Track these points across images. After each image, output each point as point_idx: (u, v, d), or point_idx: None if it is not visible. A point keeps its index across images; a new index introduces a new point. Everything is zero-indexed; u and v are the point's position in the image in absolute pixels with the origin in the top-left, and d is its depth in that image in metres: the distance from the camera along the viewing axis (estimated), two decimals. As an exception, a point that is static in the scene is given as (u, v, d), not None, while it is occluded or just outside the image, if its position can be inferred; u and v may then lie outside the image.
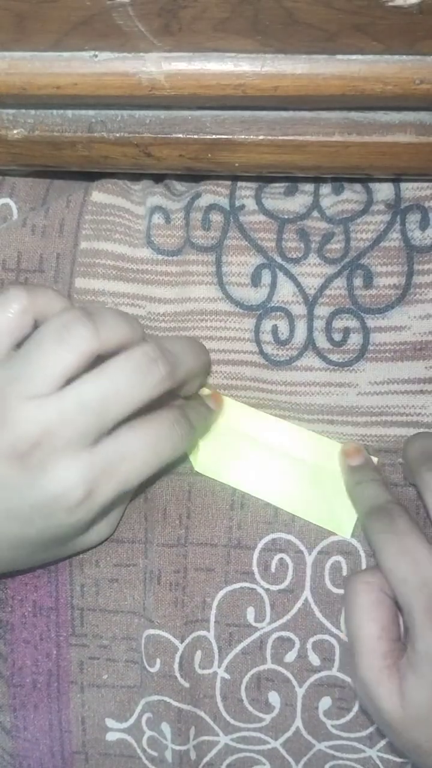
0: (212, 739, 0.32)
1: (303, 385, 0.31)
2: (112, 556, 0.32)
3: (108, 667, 0.33)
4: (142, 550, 0.32)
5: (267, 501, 0.31)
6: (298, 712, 0.32)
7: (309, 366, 0.31)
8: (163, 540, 0.32)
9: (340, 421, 0.31)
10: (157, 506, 0.32)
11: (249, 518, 0.31)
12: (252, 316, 0.31)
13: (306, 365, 0.31)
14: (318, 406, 0.31)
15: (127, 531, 0.32)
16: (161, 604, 0.32)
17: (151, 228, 0.31)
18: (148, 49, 0.22)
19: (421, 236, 0.29)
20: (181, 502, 0.32)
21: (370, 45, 0.21)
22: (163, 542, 0.32)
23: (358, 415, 0.31)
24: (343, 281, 0.30)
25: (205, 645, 0.32)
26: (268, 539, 0.31)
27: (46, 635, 0.33)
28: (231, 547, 0.32)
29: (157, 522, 0.32)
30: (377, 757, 0.31)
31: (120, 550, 0.32)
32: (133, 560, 0.32)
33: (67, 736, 0.34)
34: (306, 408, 0.31)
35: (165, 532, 0.32)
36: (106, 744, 0.34)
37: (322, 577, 0.31)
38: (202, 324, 0.31)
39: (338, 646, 0.31)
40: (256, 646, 0.32)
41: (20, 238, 0.31)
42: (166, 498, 0.32)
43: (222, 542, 0.32)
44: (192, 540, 0.32)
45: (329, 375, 0.31)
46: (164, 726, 0.33)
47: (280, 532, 0.31)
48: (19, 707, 0.34)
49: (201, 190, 0.31)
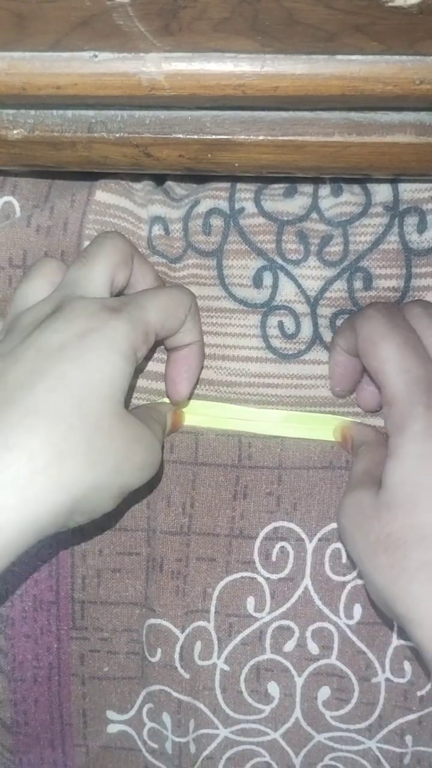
0: (212, 732, 0.33)
1: (310, 378, 0.31)
2: (115, 545, 0.33)
3: (109, 659, 0.33)
4: (145, 539, 0.33)
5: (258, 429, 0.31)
6: (297, 702, 0.32)
7: (317, 359, 0.31)
8: (166, 527, 0.32)
9: (344, 413, 0.31)
10: (161, 494, 0.32)
11: (252, 508, 0.32)
12: (257, 313, 0.31)
13: (314, 359, 0.31)
14: (323, 399, 0.31)
15: (130, 519, 0.33)
16: (163, 592, 0.32)
17: (153, 239, 0.31)
18: (148, 49, 0.22)
19: (419, 239, 0.30)
20: (186, 491, 0.32)
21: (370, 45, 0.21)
22: (167, 530, 0.32)
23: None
24: (344, 284, 0.30)
25: (204, 636, 0.32)
26: (270, 528, 0.32)
27: (46, 629, 0.33)
28: (233, 536, 0.32)
29: (161, 510, 0.32)
30: (377, 749, 0.32)
31: (123, 538, 0.33)
32: (136, 549, 0.33)
33: (67, 729, 0.34)
34: (311, 401, 0.31)
35: (168, 520, 0.32)
36: (107, 736, 0.34)
37: (322, 564, 0.31)
38: (207, 320, 0.31)
39: (337, 633, 0.32)
40: (256, 636, 0.32)
41: (25, 236, 0.32)
42: (170, 486, 0.32)
43: (224, 532, 0.32)
44: (195, 529, 0.32)
45: None
46: (165, 716, 0.33)
47: (282, 521, 0.32)
48: (20, 702, 0.34)
49: (200, 197, 0.31)
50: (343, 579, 0.31)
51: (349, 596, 0.31)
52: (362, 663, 0.32)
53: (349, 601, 0.31)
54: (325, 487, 0.31)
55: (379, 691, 0.32)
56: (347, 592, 0.31)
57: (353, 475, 0.28)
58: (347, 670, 0.32)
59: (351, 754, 0.32)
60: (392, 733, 0.32)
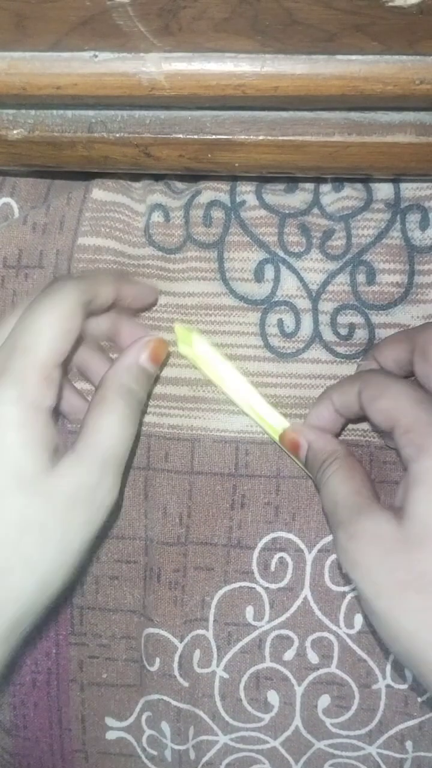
0: (211, 738, 0.32)
1: (309, 378, 0.31)
2: (113, 552, 0.33)
3: (107, 665, 0.33)
4: (143, 548, 0.32)
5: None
6: (297, 710, 0.32)
7: (316, 358, 0.31)
8: (163, 538, 0.32)
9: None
10: (157, 504, 0.32)
11: (249, 518, 0.31)
12: (257, 311, 0.31)
13: (313, 357, 0.31)
14: None
15: (128, 527, 0.32)
16: (161, 602, 0.32)
17: (151, 226, 0.31)
18: (148, 49, 0.22)
19: (421, 236, 0.29)
20: (182, 501, 0.32)
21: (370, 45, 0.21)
22: (163, 540, 0.32)
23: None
24: (346, 277, 0.30)
25: (204, 644, 0.32)
26: (269, 538, 0.31)
27: (45, 634, 0.33)
28: (231, 546, 0.32)
29: (158, 520, 0.32)
30: (377, 754, 0.32)
31: (121, 545, 0.32)
32: (133, 557, 0.32)
33: (66, 734, 0.34)
34: (309, 402, 0.31)
35: (165, 531, 0.32)
36: (106, 743, 0.34)
37: (322, 575, 0.31)
38: (206, 318, 0.31)
39: (337, 643, 0.31)
40: (255, 645, 0.32)
41: (21, 235, 0.32)
42: (166, 496, 0.32)
43: (222, 542, 0.32)
44: (192, 539, 0.32)
45: (336, 368, 0.31)
46: (164, 725, 0.33)
47: (280, 531, 0.31)
48: (19, 705, 0.34)
49: (201, 187, 0.31)
50: (343, 589, 0.31)
51: (350, 606, 0.31)
52: (363, 671, 0.31)
53: (350, 611, 0.31)
54: None
55: (379, 697, 0.31)
56: (347, 602, 0.31)
57: (344, 498, 0.25)
58: (347, 678, 0.31)
59: (351, 760, 0.32)
60: (393, 738, 0.31)
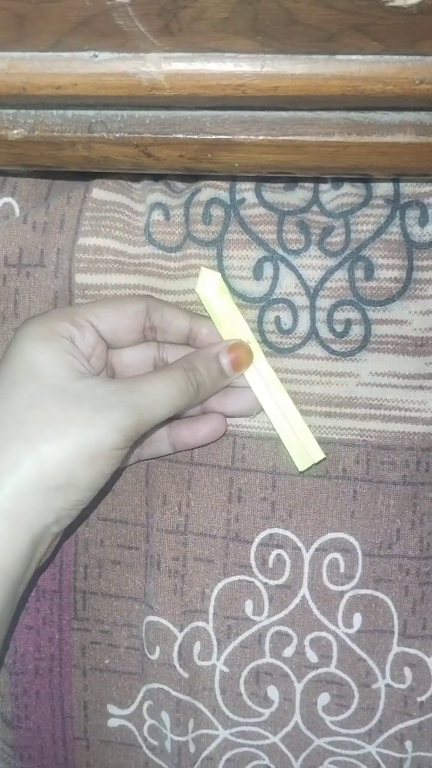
0: (211, 732, 0.32)
1: (304, 374, 0.31)
2: (116, 536, 0.33)
3: (110, 652, 0.33)
4: (144, 534, 0.33)
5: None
6: (296, 706, 0.32)
7: (312, 355, 0.31)
8: (162, 525, 0.32)
9: (338, 414, 0.31)
10: (157, 491, 0.32)
11: (246, 512, 0.32)
12: (255, 308, 0.31)
13: (309, 354, 0.31)
14: (317, 397, 0.31)
15: (129, 513, 0.33)
16: (161, 590, 0.32)
17: (151, 225, 0.31)
18: (148, 49, 0.22)
19: (421, 232, 0.29)
20: (181, 491, 0.32)
21: (370, 45, 0.21)
22: (163, 528, 0.32)
23: (356, 407, 0.31)
24: (345, 273, 0.30)
25: (203, 636, 0.32)
26: (266, 534, 0.32)
27: (49, 619, 0.33)
28: (229, 539, 0.32)
29: (157, 507, 0.32)
30: (376, 753, 0.32)
31: (124, 530, 0.33)
32: (135, 543, 0.33)
33: (68, 721, 0.34)
34: (304, 398, 0.31)
35: (165, 518, 0.32)
36: (108, 730, 0.34)
37: (320, 574, 0.31)
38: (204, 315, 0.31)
39: (336, 642, 0.31)
40: (255, 640, 0.32)
41: (22, 234, 0.32)
42: (166, 484, 0.32)
43: (221, 534, 0.32)
44: (191, 529, 0.32)
45: (331, 364, 0.31)
46: (163, 714, 0.33)
47: (277, 528, 0.31)
48: (21, 695, 0.34)
49: (201, 185, 0.31)
50: (341, 588, 0.31)
51: (348, 605, 0.31)
52: (362, 670, 0.31)
53: (348, 611, 0.31)
54: (321, 497, 0.31)
55: (379, 696, 0.31)
56: (345, 601, 0.31)
57: None
58: (347, 678, 0.31)
59: (351, 758, 0.32)
60: (392, 738, 0.31)
